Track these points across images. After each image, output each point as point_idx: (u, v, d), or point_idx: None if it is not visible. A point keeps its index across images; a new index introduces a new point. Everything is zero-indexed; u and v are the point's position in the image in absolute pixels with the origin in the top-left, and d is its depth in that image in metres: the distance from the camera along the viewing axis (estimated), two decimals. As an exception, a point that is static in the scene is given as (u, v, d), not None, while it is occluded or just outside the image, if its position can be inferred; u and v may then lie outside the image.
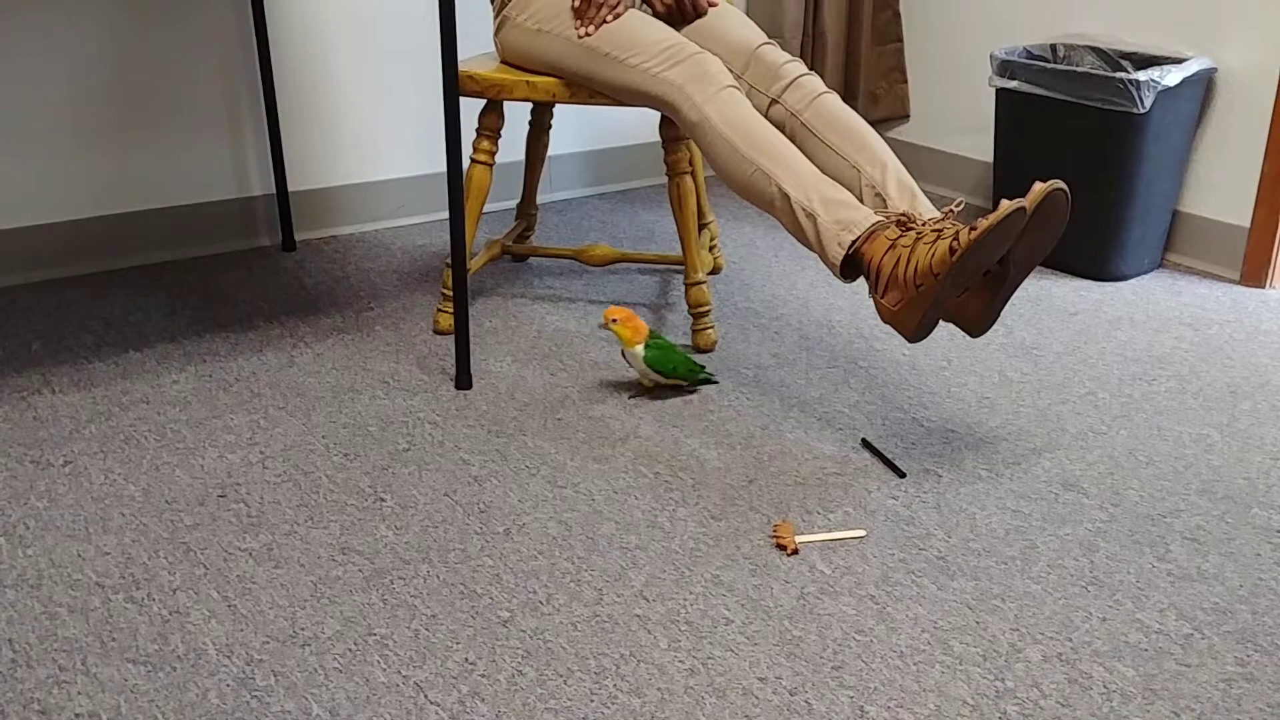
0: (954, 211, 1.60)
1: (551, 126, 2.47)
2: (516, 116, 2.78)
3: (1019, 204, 1.48)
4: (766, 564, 1.45)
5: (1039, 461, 1.71)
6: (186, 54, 2.39)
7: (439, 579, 1.42)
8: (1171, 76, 2.25)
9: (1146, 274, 2.49)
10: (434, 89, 2.70)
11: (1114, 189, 2.35)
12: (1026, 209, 1.49)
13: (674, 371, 1.85)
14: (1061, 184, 1.51)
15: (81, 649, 1.29)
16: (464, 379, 1.91)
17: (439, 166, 2.76)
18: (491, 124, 2.03)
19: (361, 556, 1.46)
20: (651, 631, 1.33)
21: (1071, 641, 1.32)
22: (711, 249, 2.40)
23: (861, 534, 1.52)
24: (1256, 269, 2.40)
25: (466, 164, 2.68)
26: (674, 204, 2.01)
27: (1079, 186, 2.37)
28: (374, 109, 2.63)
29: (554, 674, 1.26)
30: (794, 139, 1.85)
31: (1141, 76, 2.23)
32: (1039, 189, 1.51)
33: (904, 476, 1.66)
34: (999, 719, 1.20)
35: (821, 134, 1.82)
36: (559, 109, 2.87)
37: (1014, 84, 2.43)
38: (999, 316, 1.89)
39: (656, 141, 3.07)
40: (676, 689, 1.24)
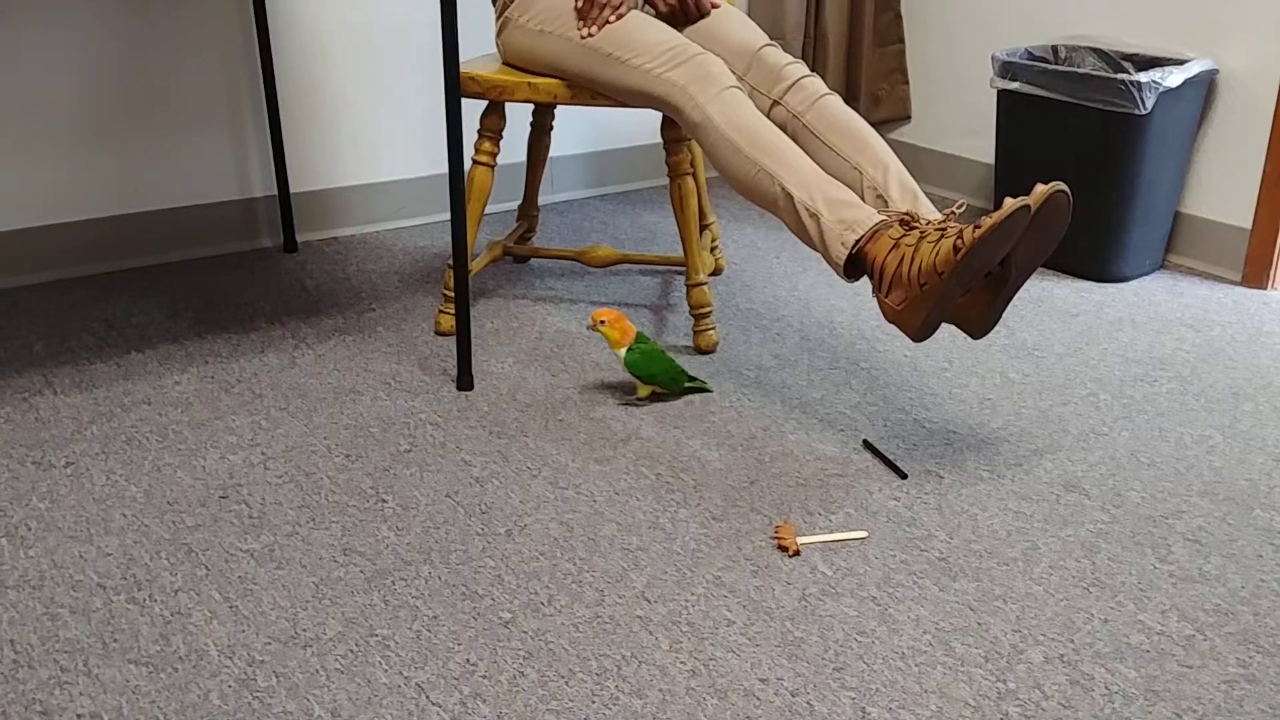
0: (955, 213, 1.60)
1: (553, 128, 2.47)
2: (518, 118, 2.78)
3: (1023, 202, 1.48)
4: (768, 565, 1.45)
5: (1041, 463, 1.71)
6: (188, 56, 2.39)
7: (440, 580, 1.42)
8: (1173, 78, 2.25)
9: (1148, 275, 2.48)
10: (435, 90, 2.70)
11: (1115, 190, 2.35)
12: (1031, 207, 1.49)
13: (653, 378, 1.82)
14: (1063, 185, 1.51)
15: (83, 650, 1.29)
16: (465, 380, 1.91)
17: (440, 168, 2.76)
18: (493, 125, 2.03)
19: (363, 557, 1.46)
20: (653, 633, 1.33)
21: (1073, 643, 1.32)
22: (713, 250, 2.40)
23: (863, 535, 1.52)
24: (1258, 270, 2.40)
25: (468, 165, 2.68)
26: (675, 205, 2.01)
27: (1080, 188, 2.37)
28: (375, 110, 2.63)
29: (556, 675, 1.26)
30: (796, 141, 1.85)
31: (1143, 78, 2.23)
32: (1041, 190, 1.51)
33: (905, 478, 1.66)
34: (1001, 720, 1.20)
35: (823, 136, 1.82)
36: (560, 110, 2.87)
37: (1015, 85, 2.43)
38: (1000, 318, 1.89)
39: (658, 143, 3.07)
40: (678, 690, 1.24)
